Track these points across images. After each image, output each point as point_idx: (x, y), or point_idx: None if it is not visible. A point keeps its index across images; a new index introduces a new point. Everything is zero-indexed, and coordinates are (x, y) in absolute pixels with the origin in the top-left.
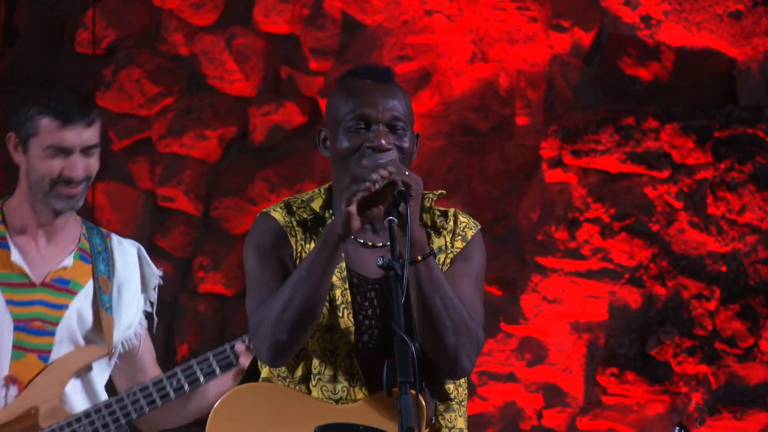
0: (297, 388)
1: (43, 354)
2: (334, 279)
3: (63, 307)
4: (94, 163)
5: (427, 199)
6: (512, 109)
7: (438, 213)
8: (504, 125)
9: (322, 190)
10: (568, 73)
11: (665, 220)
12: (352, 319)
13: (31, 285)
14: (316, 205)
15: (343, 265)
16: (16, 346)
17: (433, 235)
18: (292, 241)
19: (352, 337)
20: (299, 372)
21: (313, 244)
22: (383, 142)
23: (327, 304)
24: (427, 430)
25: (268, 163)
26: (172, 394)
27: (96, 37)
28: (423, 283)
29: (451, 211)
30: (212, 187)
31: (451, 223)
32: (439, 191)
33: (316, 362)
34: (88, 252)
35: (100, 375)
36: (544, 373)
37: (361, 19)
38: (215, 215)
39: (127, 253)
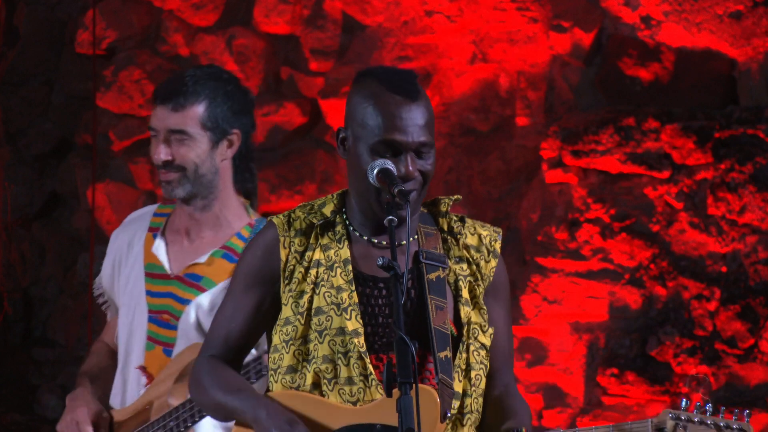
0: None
1: (167, 347)
2: (340, 281)
3: (187, 302)
4: (184, 151)
5: (443, 204)
6: (512, 109)
7: (455, 218)
8: (504, 126)
9: (335, 196)
10: (568, 73)
11: (665, 220)
12: (360, 321)
13: (166, 277)
14: (327, 210)
15: (350, 267)
16: (149, 338)
17: (450, 241)
18: (284, 253)
19: (362, 338)
20: (308, 380)
21: (318, 251)
22: (411, 169)
23: (334, 307)
24: (444, 424)
25: (268, 164)
26: None
27: (96, 37)
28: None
29: (469, 221)
30: None
31: (476, 238)
32: (455, 196)
33: (329, 366)
34: (237, 252)
35: None
36: (544, 373)
37: (362, 19)
38: None
39: None
